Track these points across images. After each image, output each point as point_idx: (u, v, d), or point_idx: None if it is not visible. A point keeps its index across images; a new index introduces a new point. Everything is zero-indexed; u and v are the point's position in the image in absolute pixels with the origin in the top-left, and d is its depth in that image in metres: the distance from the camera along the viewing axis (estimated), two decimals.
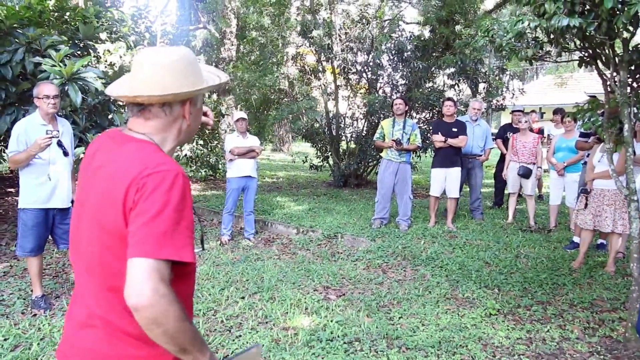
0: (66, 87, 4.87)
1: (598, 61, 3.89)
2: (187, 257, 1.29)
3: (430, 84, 10.43)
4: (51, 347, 3.45)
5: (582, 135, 6.28)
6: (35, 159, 3.97)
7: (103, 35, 7.15)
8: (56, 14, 6.24)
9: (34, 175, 4.02)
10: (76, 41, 6.12)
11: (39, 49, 5.27)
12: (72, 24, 6.42)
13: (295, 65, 11.56)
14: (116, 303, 1.33)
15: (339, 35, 10.55)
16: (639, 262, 3.62)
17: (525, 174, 7.19)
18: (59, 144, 4.05)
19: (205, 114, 1.80)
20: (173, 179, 1.32)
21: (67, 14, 6.42)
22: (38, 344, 3.50)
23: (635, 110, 3.82)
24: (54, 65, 4.87)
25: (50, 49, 5.21)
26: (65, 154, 4.13)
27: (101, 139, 1.54)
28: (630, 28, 3.43)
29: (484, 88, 10.56)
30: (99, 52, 6.71)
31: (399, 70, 10.43)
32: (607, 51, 3.70)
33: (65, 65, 4.89)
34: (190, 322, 1.29)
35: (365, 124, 10.81)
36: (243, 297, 4.52)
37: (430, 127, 8.78)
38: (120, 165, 1.37)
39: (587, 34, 3.44)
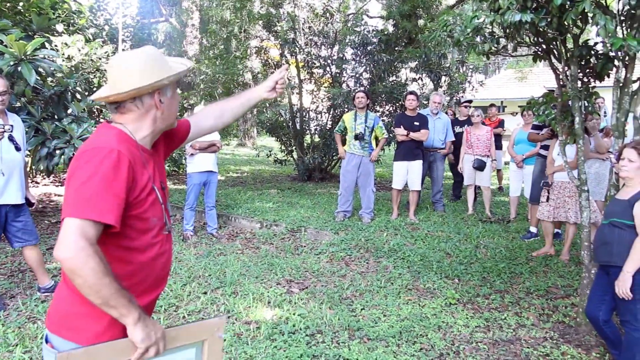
0: (19, 68, 4.70)
1: (551, 56, 4.00)
2: (109, 220, 1.45)
3: (394, 78, 10.52)
4: (5, 349, 3.36)
5: (534, 127, 6.45)
6: None
7: (60, 28, 6.96)
8: (8, 4, 6.05)
9: None
10: (29, 33, 5.94)
11: None
12: (26, 15, 6.23)
13: (259, 58, 11.49)
14: None
15: (303, 29, 10.52)
16: (589, 249, 3.76)
17: (480, 166, 7.35)
18: (11, 138, 3.94)
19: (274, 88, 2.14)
20: (106, 153, 1.50)
21: (21, 4, 6.23)
22: None
23: (586, 104, 3.95)
24: (6, 46, 4.71)
25: (0, 33, 5.03)
26: (18, 149, 4.01)
27: None
28: (580, 24, 3.54)
29: (444, 81, 10.71)
30: (56, 45, 6.54)
31: (362, 64, 10.49)
32: (558, 46, 3.81)
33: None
34: (113, 279, 1.43)
35: (329, 117, 10.84)
36: (205, 293, 4.49)
37: (393, 121, 8.88)
38: (80, 147, 1.60)
39: (540, 29, 3.54)
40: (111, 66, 1.65)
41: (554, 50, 3.92)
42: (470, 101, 9.19)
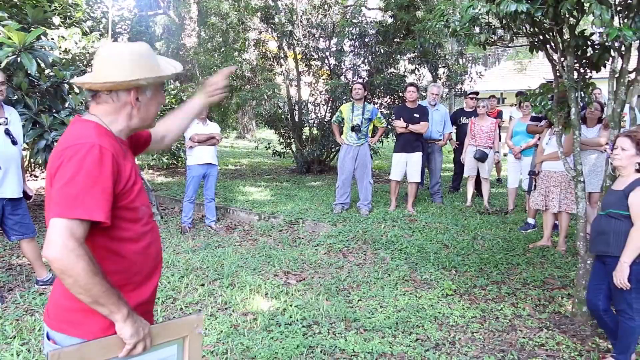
0: (19, 58, 4.70)
1: (548, 47, 3.99)
2: (98, 217, 1.46)
3: (392, 70, 10.49)
4: (2, 341, 3.38)
5: (533, 118, 6.43)
6: None
7: (56, 20, 6.92)
8: None
9: None
10: (25, 25, 5.91)
11: None
12: (22, 7, 6.19)
13: (257, 51, 11.44)
14: None
15: (301, 21, 10.48)
16: (584, 240, 3.77)
17: (481, 157, 7.34)
18: (7, 132, 3.93)
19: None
20: (88, 149, 1.48)
21: None
22: None
23: (582, 95, 3.94)
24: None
25: None
26: (14, 142, 4.01)
27: None
28: (576, 14, 3.52)
29: (443, 72, 10.67)
30: (52, 39, 6.50)
31: (360, 56, 10.45)
32: (555, 37, 3.80)
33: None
34: (102, 278, 1.45)
35: (328, 109, 10.82)
36: (203, 284, 4.51)
37: (392, 112, 8.86)
38: (58, 143, 1.58)
39: (536, 19, 3.52)
40: (98, 54, 1.64)
41: (551, 41, 3.90)
42: (476, 93, 9.16)
